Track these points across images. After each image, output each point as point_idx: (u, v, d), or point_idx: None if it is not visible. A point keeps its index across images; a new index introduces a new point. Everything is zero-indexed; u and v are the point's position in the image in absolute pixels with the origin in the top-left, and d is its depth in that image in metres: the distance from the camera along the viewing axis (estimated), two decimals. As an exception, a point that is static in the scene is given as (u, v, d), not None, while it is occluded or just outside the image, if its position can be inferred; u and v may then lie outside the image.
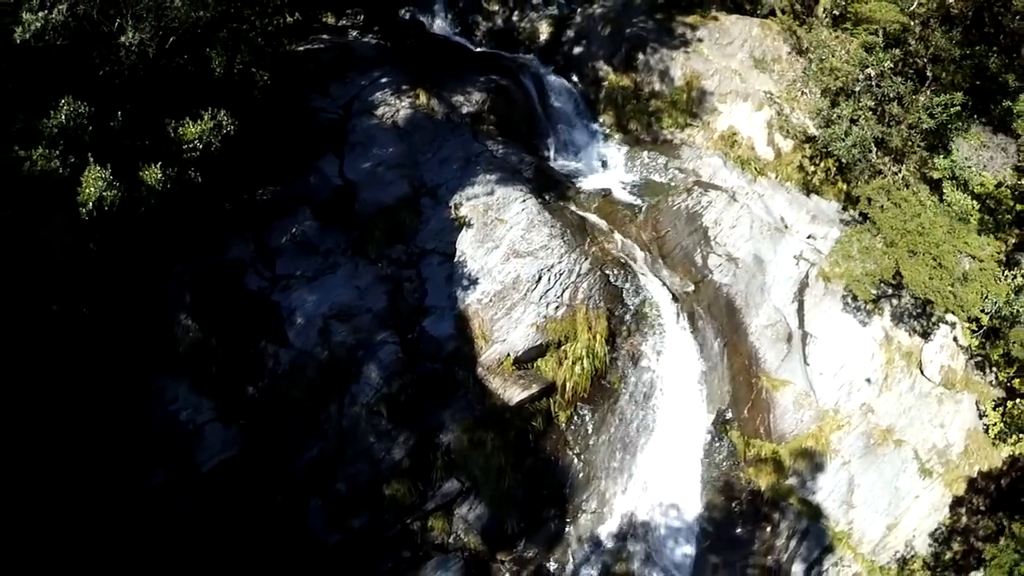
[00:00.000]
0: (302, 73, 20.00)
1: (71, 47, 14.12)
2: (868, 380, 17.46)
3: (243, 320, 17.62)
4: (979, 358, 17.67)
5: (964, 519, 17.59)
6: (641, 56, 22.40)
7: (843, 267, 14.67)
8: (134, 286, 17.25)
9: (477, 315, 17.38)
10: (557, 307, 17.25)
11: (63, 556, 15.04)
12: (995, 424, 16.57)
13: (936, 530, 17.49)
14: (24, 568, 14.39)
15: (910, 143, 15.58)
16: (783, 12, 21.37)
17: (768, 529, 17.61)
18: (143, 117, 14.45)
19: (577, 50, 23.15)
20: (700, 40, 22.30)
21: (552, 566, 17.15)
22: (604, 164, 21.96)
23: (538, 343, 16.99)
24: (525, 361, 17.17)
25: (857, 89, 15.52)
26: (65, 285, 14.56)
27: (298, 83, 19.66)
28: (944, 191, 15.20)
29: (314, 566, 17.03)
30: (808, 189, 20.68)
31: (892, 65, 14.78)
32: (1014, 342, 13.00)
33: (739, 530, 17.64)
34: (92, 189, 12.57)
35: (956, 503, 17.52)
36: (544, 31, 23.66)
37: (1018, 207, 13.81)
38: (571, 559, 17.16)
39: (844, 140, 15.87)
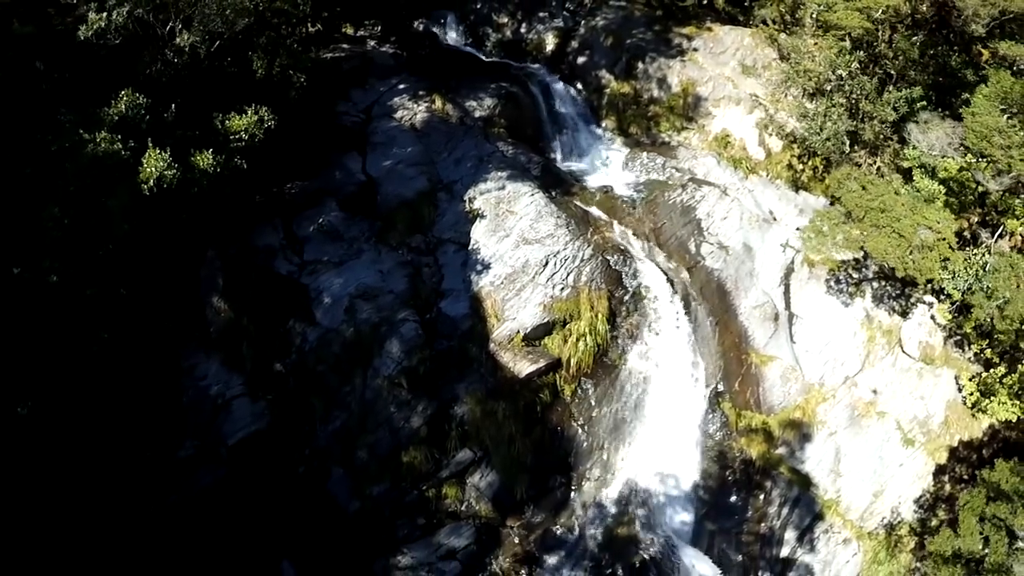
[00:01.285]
0: (329, 78, 21.73)
1: (125, 47, 15.92)
2: (851, 356, 18.87)
3: (273, 301, 19.18)
4: (958, 337, 18.98)
5: (948, 487, 18.76)
6: (640, 65, 24.17)
7: (815, 240, 16.18)
8: (169, 271, 18.79)
9: (490, 296, 18.92)
10: (562, 288, 18.78)
11: (92, 524, 16.25)
12: (972, 394, 17.81)
13: (921, 497, 18.63)
14: (56, 534, 15.56)
15: (881, 136, 17.20)
16: (773, 22, 23.13)
17: (761, 497, 18.91)
18: (192, 111, 16.23)
19: (581, 60, 24.95)
20: (695, 50, 24.08)
21: (559, 531, 18.46)
22: (606, 165, 23.60)
23: (545, 321, 18.49)
24: (533, 338, 18.65)
25: (829, 88, 17.18)
26: (123, 256, 16.21)
27: (326, 87, 21.37)
28: (914, 178, 16.76)
29: (335, 533, 18.33)
30: (797, 186, 22.25)
31: (859, 66, 16.44)
32: (984, 313, 14.35)
33: (733, 498, 18.96)
34: (153, 169, 14.30)
35: (939, 471, 18.70)
36: (550, 42, 25.52)
37: (980, 188, 15.31)
38: (576, 524, 18.47)
39: (819, 134, 17.49)
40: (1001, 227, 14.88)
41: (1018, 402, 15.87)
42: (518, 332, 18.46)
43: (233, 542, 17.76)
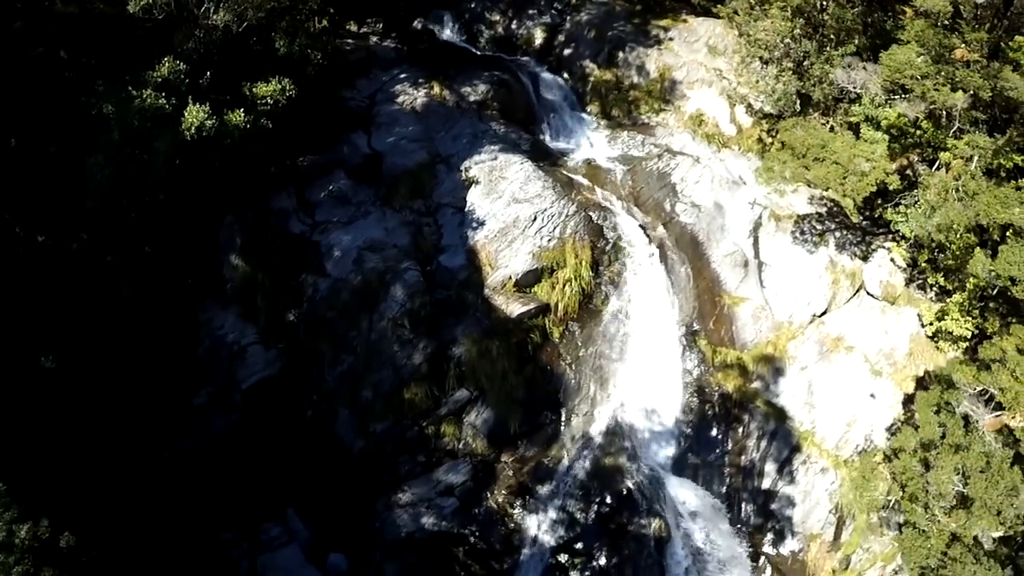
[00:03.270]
0: (338, 66, 24.03)
1: (163, 24, 18.27)
2: (817, 297, 20.53)
3: (287, 258, 21.11)
4: (919, 281, 20.51)
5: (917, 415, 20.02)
6: (621, 54, 26.50)
7: (766, 176, 18.08)
8: (191, 233, 20.68)
9: (484, 248, 20.82)
10: (549, 240, 20.66)
11: (111, 468, 17.56)
12: (931, 324, 19.25)
13: (892, 425, 19.62)
14: (79, 479, 16.85)
15: (831, 97, 19.28)
16: (742, 12, 25.45)
17: (740, 430, 20.33)
18: (223, 80, 18.57)
19: (567, 52, 27.33)
20: (671, 39, 26.44)
21: (550, 463, 19.90)
22: (590, 143, 25.73)
23: (534, 268, 20.34)
24: (524, 285, 20.47)
25: (777, 54, 19.40)
26: (154, 209, 18.22)
27: (336, 73, 23.66)
28: (861, 130, 18.75)
29: (340, 475, 19.74)
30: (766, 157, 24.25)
31: (800, 32, 18.69)
32: (923, 230, 16.10)
33: (714, 431, 20.43)
34: (194, 119, 16.69)
35: (908, 400, 19.77)
36: (539, 36, 27.96)
37: (917, 132, 17.26)
38: (566, 456, 19.93)
39: (772, 95, 19.62)
40: (937, 161, 16.76)
41: (969, 319, 17.39)
42: (510, 278, 20.29)
43: (242, 489, 19.07)
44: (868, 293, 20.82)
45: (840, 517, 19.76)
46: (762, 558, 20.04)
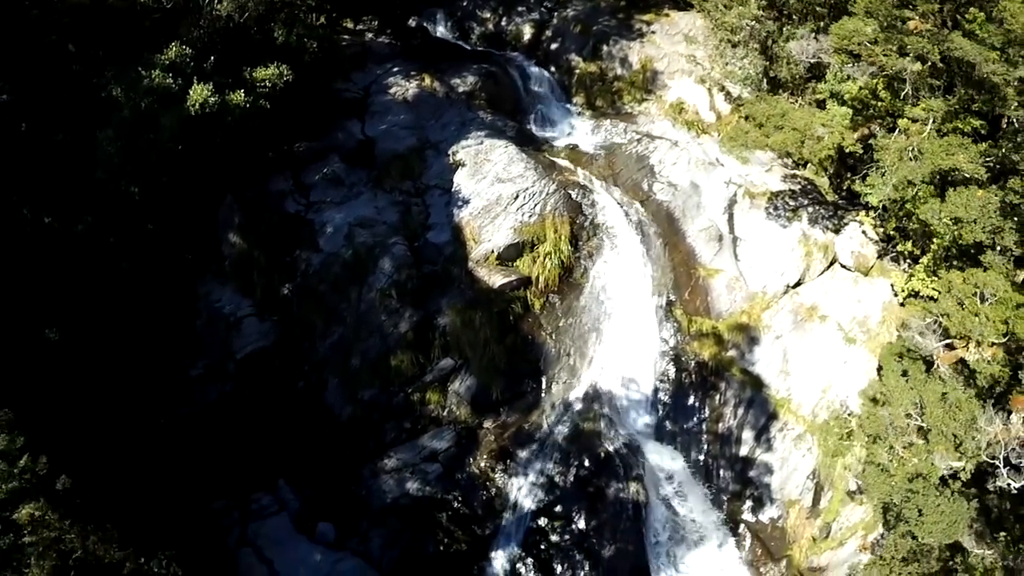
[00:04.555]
0: (334, 59, 25.27)
1: (170, 13, 19.65)
2: (791, 268, 21.23)
3: (283, 235, 22.21)
4: (892, 253, 21.14)
5: (891, 380, 20.44)
6: (605, 48, 27.61)
7: (729, 144, 18.94)
8: (192, 212, 21.82)
9: (468, 224, 21.78)
10: (530, 216, 21.60)
11: (113, 434, 18.21)
12: (902, 291, 19.83)
13: (866, 389, 20.37)
14: (79, 436, 17.51)
15: (798, 76, 20.21)
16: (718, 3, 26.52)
17: (716, 398, 20.96)
18: (225, 65, 19.93)
19: (554, 46, 28.49)
20: (653, 32, 27.51)
21: (530, 428, 20.62)
22: (575, 131, 26.75)
23: (516, 242, 21.27)
24: (506, 259, 21.38)
25: (744, 36, 20.41)
26: (160, 185, 19.40)
27: (332, 65, 24.90)
28: (827, 105, 19.61)
29: (329, 440, 20.52)
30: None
31: (764, 14, 19.73)
32: (882, 192, 16.88)
33: (691, 399, 21.08)
34: (198, 96, 18.16)
35: (881, 367, 20.39)
36: (527, 32, 29.17)
37: (878, 103, 18.10)
38: (546, 421, 20.68)
39: (742, 77, 20.58)
40: (897, 129, 17.56)
41: (935, 278, 18.01)
42: (492, 252, 21.21)
43: (235, 459, 19.84)
44: (841, 265, 21.51)
45: (818, 483, 20.23)
46: (742, 526, 20.55)
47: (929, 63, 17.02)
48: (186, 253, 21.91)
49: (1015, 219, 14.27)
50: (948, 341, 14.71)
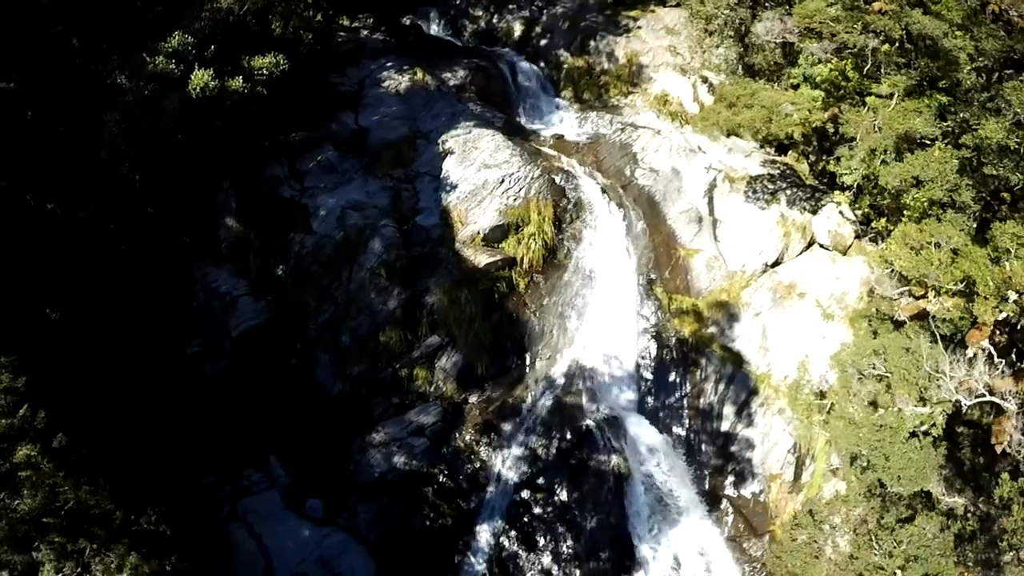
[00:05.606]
0: (329, 53, 26.19)
1: (173, 5, 20.67)
2: (769, 248, 21.80)
3: (277, 219, 22.99)
4: (871, 234, 21.64)
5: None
6: (593, 43, 28.50)
7: (701, 124, 19.62)
8: (190, 197, 22.64)
9: (456, 208, 22.53)
10: (515, 199, 22.33)
11: (109, 402, 18.65)
12: (877, 262, 20.20)
13: (838, 353, 20.46)
14: (78, 402, 17.93)
15: (774, 63, 20.95)
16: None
17: (697, 374, 21.47)
18: (225, 54, 20.89)
19: (543, 42, 29.42)
20: (640, 27, 28.40)
21: (514, 402, 21.17)
22: (562, 122, 27.56)
23: (501, 224, 21.99)
24: (492, 240, 22.08)
25: (719, 23, 21.22)
26: (161, 169, 20.25)
27: (327, 59, 25.83)
28: (799, 89, 20.31)
29: (319, 416, 21.12)
30: (728, 133, 25.76)
31: (736, 2, 20.54)
32: (848, 163, 17.54)
33: (672, 375, 21.60)
34: (199, 80, 19.11)
35: None
36: (518, 29, 30.15)
37: (847, 84, 18.78)
38: (529, 396, 21.24)
39: (718, 64, 21.35)
40: (866, 107, 18.20)
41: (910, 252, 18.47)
42: (478, 233, 21.94)
43: (227, 435, 20.35)
44: (820, 245, 22.08)
45: (799, 457, 20.65)
46: (724, 501, 20.97)
47: (896, 43, 17.73)
48: (184, 236, 22.72)
49: (972, 175, 14.84)
50: (907, 288, 15.20)
